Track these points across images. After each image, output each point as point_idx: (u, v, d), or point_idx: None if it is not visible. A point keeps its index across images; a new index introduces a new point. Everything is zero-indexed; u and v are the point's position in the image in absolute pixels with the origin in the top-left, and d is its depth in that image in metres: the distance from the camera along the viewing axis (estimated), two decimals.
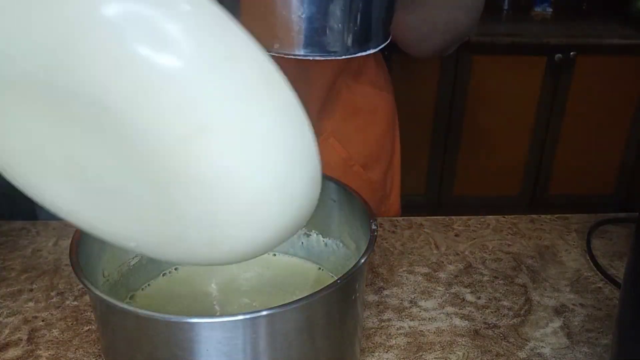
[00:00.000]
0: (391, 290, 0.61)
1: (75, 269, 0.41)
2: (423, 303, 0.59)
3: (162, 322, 0.38)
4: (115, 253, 0.50)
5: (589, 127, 2.28)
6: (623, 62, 2.15)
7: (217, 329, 0.37)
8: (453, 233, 0.71)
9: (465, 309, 0.59)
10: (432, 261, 0.66)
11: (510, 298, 0.60)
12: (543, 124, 2.26)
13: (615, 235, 0.71)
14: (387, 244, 0.68)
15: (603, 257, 0.67)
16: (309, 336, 0.41)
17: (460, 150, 2.29)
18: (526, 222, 0.73)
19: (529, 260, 0.66)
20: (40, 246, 0.68)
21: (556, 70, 2.16)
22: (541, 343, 0.55)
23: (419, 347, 0.54)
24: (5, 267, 0.64)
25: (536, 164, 2.35)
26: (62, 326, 0.56)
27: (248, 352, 0.38)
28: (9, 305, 0.59)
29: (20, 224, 0.73)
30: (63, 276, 0.63)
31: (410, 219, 0.73)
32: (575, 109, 2.24)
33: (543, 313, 0.58)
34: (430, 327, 0.56)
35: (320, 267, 0.55)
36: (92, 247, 0.46)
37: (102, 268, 0.48)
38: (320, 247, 0.54)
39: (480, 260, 0.66)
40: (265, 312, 0.37)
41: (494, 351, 0.53)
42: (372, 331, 0.55)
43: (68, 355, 0.53)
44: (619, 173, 2.38)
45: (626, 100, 2.24)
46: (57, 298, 0.60)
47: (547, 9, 2.34)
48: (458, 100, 2.19)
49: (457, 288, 0.61)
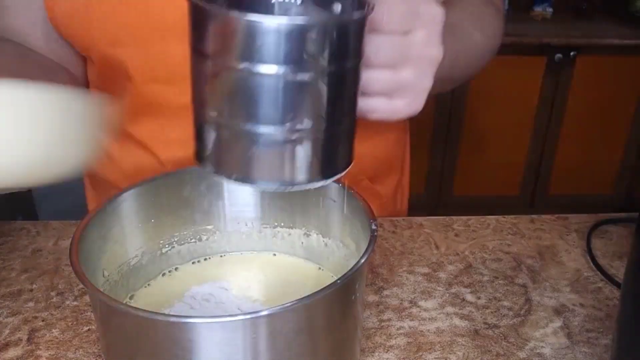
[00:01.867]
0: (391, 290, 0.61)
1: (75, 269, 0.41)
2: (423, 303, 0.59)
3: (162, 322, 0.38)
4: (115, 253, 0.50)
5: (589, 127, 2.28)
6: (623, 62, 2.15)
7: (217, 329, 0.37)
8: (453, 233, 0.71)
9: (465, 309, 0.59)
10: (432, 261, 0.66)
11: (510, 298, 0.60)
12: (543, 124, 2.26)
13: (615, 235, 0.71)
14: (387, 244, 0.68)
15: (603, 257, 0.67)
16: (309, 336, 0.41)
17: (460, 150, 2.29)
18: (526, 222, 0.73)
19: (529, 260, 0.66)
20: (40, 246, 0.68)
21: (556, 70, 2.16)
22: (541, 343, 0.55)
23: (419, 347, 0.54)
24: (5, 267, 0.64)
25: (536, 164, 2.35)
26: (62, 326, 0.56)
27: (248, 352, 0.38)
28: (9, 305, 0.59)
29: (20, 224, 0.73)
30: (63, 276, 0.63)
31: (410, 219, 0.73)
32: (576, 109, 2.24)
33: (543, 313, 0.58)
34: (430, 327, 0.56)
35: (320, 267, 0.55)
36: (92, 247, 0.46)
37: (102, 268, 0.48)
38: (320, 247, 0.54)
39: (481, 260, 0.66)
40: (265, 313, 0.37)
41: (494, 351, 0.53)
42: (372, 331, 0.55)
43: (68, 355, 0.53)
44: (619, 173, 2.38)
45: (626, 100, 2.24)
46: (57, 298, 0.60)
47: (547, 9, 2.34)
48: (458, 100, 2.19)
49: (457, 288, 0.61)
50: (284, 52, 0.35)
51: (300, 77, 0.36)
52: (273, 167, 0.39)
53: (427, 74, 0.45)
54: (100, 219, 0.47)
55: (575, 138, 2.29)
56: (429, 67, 0.45)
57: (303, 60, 0.36)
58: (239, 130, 0.38)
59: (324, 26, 0.36)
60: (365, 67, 0.41)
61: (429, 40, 0.44)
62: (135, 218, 0.51)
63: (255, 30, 0.35)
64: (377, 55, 0.42)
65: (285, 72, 0.36)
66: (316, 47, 0.36)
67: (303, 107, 0.37)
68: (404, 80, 0.44)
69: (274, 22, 0.35)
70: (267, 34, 0.35)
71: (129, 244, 0.51)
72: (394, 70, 0.44)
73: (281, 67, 0.36)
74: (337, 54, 0.37)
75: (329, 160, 0.41)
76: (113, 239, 0.49)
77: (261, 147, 0.38)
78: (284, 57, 0.35)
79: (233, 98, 0.37)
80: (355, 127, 0.42)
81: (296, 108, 0.37)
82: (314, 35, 0.35)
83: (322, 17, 0.39)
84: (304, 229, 0.55)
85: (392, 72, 0.44)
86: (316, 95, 0.37)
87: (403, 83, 0.44)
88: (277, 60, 0.35)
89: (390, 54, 0.43)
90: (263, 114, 0.37)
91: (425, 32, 0.43)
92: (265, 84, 0.36)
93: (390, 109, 0.45)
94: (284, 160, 0.39)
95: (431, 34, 0.44)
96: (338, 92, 0.38)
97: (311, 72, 0.36)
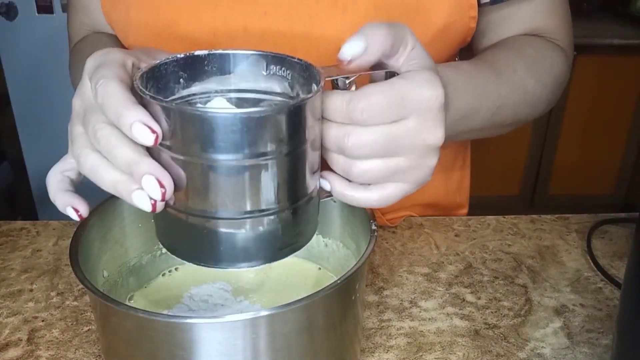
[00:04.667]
0: (391, 291, 0.61)
1: (75, 269, 0.41)
2: (423, 303, 0.59)
3: (162, 322, 0.38)
4: (115, 253, 0.50)
5: (589, 127, 2.28)
6: (623, 62, 2.15)
7: (217, 329, 0.37)
8: (453, 233, 0.71)
9: (466, 309, 0.58)
10: (432, 261, 0.66)
11: (511, 298, 0.60)
12: (543, 124, 2.26)
13: (616, 235, 0.71)
14: (387, 244, 0.68)
15: (603, 257, 0.67)
16: (309, 336, 0.41)
17: None
18: (526, 222, 0.73)
19: (529, 261, 0.66)
20: (40, 246, 0.68)
21: None
22: (541, 343, 0.54)
23: (419, 347, 0.54)
24: (5, 267, 0.64)
25: (536, 164, 2.35)
26: (62, 326, 0.56)
27: (248, 352, 0.38)
28: (9, 305, 0.59)
29: (20, 224, 0.73)
30: (63, 276, 0.63)
31: (411, 219, 0.73)
32: (576, 109, 2.24)
33: (543, 313, 0.58)
34: (431, 327, 0.56)
35: (320, 267, 0.55)
36: (92, 247, 0.46)
37: (102, 268, 0.48)
38: (320, 247, 0.54)
39: (481, 261, 0.66)
40: (265, 313, 0.37)
41: (494, 351, 0.53)
42: (372, 331, 0.55)
43: (68, 355, 0.53)
44: (619, 173, 2.38)
45: (626, 100, 2.24)
46: (57, 298, 0.60)
47: None
48: None
49: (457, 288, 0.61)
50: (229, 140, 0.35)
51: (243, 163, 0.36)
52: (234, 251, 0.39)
53: (426, 158, 0.42)
54: (100, 219, 0.47)
55: (575, 138, 2.29)
56: (426, 151, 0.42)
57: (249, 146, 0.36)
58: (194, 218, 0.38)
59: (249, 117, 0.35)
60: (353, 158, 0.40)
61: (424, 127, 0.41)
62: (135, 218, 0.51)
63: (196, 121, 0.35)
64: (360, 149, 0.40)
65: (231, 159, 0.36)
66: (250, 135, 0.36)
67: (253, 192, 0.37)
68: (400, 167, 0.41)
69: (212, 114, 0.35)
70: (206, 124, 0.35)
71: (129, 244, 0.51)
72: (386, 159, 0.41)
73: (225, 155, 0.36)
74: (278, 141, 0.37)
75: (291, 238, 0.41)
76: (113, 239, 0.49)
77: (218, 234, 0.38)
78: (230, 145, 0.35)
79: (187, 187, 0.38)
80: (316, 200, 0.42)
81: (242, 193, 0.37)
82: (246, 125, 0.35)
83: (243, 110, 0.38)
84: None
85: (384, 160, 0.41)
86: (267, 179, 0.37)
87: (400, 169, 0.41)
88: (220, 149, 0.36)
89: (374, 146, 0.40)
90: (212, 200, 0.37)
91: (417, 119, 0.40)
92: (208, 172, 0.36)
93: (396, 193, 0.42)
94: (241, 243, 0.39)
95: (425, 119, 0.40)
96: (289, 174, 0.38)
97: (254, 158, 0.36)
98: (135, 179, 0.37)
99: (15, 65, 2.06)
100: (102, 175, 0.38)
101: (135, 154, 0.37)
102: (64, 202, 0.41)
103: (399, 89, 0.40)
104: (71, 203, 0.41)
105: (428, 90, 0.40)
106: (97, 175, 0.39)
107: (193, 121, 0.35)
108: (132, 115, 0.36)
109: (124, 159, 0.37)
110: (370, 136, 0.40)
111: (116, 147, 0.37)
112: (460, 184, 0.80)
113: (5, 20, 2.00)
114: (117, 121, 0.37)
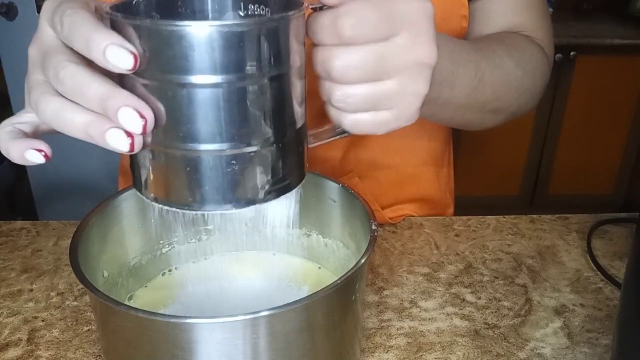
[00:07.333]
0: (391, 291, 0.61)
1: (75, 269, 0.41)
2: (423, 303, 0.59)
3: (162, 322, 0.38)
4: (115, 253, 0.50)
5: (589, 127, 2.28)
6: (623, 62, 2.15)
7: (217, 329, 0.37)
8: (453, 233, 0.71)
9: (466, 309, 0.58)
10: (432, 261, 0.66)
11: (511, 298, 0.60)
12: (543, 124, 2.26)
13: (615, 235, 0.71)
14: (387, 244, 0.68)
15: (603, 257, 0.67)
16: (309, 337, 0.41)
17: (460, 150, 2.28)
18: (526, 222, 0.73)
19: (529, 261, 0.66)
20: (40, 246, 0.68)
21: (556, 71, 2.16)
22: (541, 343, 0.54)
23: (419, 347, 0.54)
24: (5, 267, 0.64)
25: (536, 164, 2.35)
26: (62, 326, 0.56)
27: (248, 352, 0.38)
28: (9, 305, 0.59)
29: (20, 224, 0.73)
30: (63, 276, 0.63)
31: (410, 219, 0.73)
32: (576, 109, 2.24)
33: (543, 313, 0.58)
34: (431, 327, 0.56)
35: (320, 267, 0.55)
36: (92, 247, 0.46)
37: (102, 268, 0.48)
38: (320, 247, 0.54)
39: (481, 261, 0.66)
40: (265, 313, 0.37)
41: (494, 351, 0.53)
42: (372, 331, 0.55)
43: (68, 355, 0.53)
44: (619, 173, 2.38)
45: (626, 100, 2.24)
46: (57, 298, 0.60)
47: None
48: None
49: (457, 288, 0.61)
50: (210, 58, 0.33)
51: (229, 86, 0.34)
52: (220, 190, 0.37)
53: (417, 79, 0.40)
54: (100, 219, 0.47)
55: (575, 138, 2.29)
56: (418, 71, 0.40)
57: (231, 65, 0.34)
58: (175, 153, 0.36)
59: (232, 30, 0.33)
60: (341, 83, 0.39)
61: (415, 41, 0.39)
62: (135, 218, 0.51)
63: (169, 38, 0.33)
64: (348, 71, 0.38)
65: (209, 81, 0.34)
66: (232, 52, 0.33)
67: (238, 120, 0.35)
68: (387, 92, 0.40)
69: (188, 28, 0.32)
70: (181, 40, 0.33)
71: (129, 244, 0.51)
72: (373, 83, 0.39)
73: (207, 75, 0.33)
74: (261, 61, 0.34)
75: (278, 177, 0.39)
76: (113, 239, 0.49)
77: (203, 168, 0.36)
78: (211, 64, 0.33)
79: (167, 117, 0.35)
80: (303, 140, 0.40)
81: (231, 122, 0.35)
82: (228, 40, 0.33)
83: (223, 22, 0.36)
84: (304, 229, 0.55)
85: (372, 85, 0.39)
86: (252, 105, 0.35)
87: (387, 94, 0.40)
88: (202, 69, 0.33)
89: (363, 68, 0.38)
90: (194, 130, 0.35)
91: (408, 34, 0.39)
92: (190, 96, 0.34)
93: (377, 121, 0.41)
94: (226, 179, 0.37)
95: (417, 34, 0.39)
96: (273, 102, 0.36)
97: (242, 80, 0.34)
98: (111, 114, 0.33)
99: (15, 65, 2.06)
100: (68, 118, 0.34)
101: (108, 88, 0.33)
102: (20, 148, 0.37)
103: (387, 3, 0.38)
104: (30, 146, 0.37)
105: (416, 2, 0.39)
106: (61, 120, 0.35)
107: (172, 38, 0.32)
108: (105, 39, 0.32)
109: (94, 94, 0.33)
110: (359, 55, 0.38)
111: (84, 84, 0.34)
112: (447, 180, 0.80)
113: (5, 20, 2.00)
114: (87, 47, 0.33)
